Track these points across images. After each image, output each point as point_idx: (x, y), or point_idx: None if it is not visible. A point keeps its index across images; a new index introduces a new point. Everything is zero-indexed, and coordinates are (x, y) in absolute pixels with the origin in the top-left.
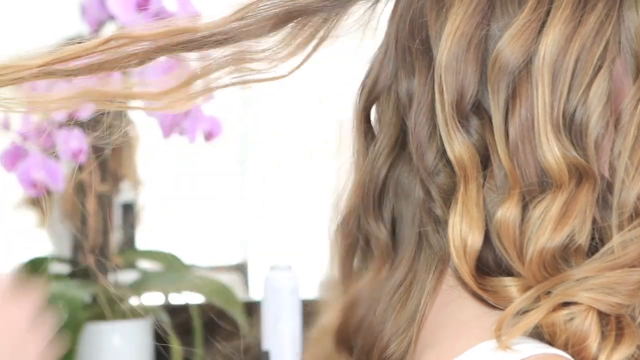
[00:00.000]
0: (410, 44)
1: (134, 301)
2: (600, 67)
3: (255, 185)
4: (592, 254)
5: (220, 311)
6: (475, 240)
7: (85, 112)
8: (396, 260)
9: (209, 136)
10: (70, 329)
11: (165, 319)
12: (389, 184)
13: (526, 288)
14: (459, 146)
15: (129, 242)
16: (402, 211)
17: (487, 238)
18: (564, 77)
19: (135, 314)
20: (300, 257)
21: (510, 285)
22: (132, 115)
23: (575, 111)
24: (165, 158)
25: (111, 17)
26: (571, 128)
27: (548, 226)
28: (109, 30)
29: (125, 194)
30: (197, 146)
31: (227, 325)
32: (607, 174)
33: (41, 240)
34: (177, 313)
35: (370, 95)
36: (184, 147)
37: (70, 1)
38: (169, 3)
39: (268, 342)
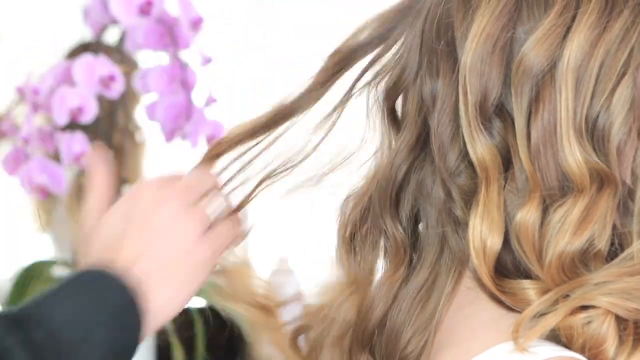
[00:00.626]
0: (436, 45)
1: None
2: (624, 74)
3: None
4: (611, 259)
5: (223, 315)
6: (494, 242)
7: (89, 115)
8: (417, 260)
9: (211, 140)
10: None
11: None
12: (410, 184)
13: (544, 291)
14: (481, 147)
15: None
16: (424, 212)
17: (506, 240)
18: (588, 83)
19: None
20: (302, 260)
21: (528, 287)
22: (138, 118)
23: (598, 117)
24: (168, 162)
25: (114, 21)
26: (593, 133)
27: (568, 230)
28: (111, 33)
29: None
30: (200, 150)
31: (230, 328)
32: (629, 180)
33: (44, 243)
34: (179, 316)
35: (395, 88)
36: (186, 150)
37: (73, 5)
38: (172, 7)
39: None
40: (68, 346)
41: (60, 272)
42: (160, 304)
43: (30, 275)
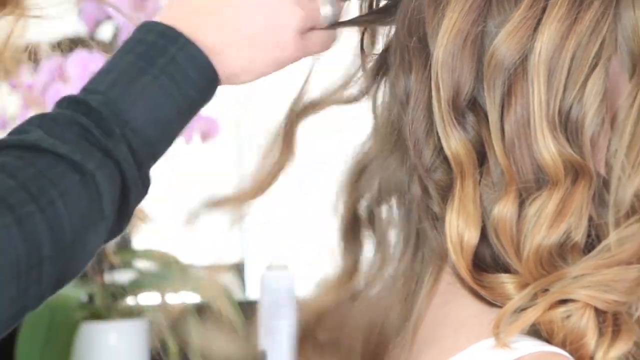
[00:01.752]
0: (408, 42)
1: (130, 301)
2: (596, 65)
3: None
4: (589, 251)
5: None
6: (471, 236)
7: None
8: (394, 257)
9: (205, 136)
10: (66, 329)
11: (162, 318)
12: (380, 181)
13: (523, 285)
14: (455, 142)
15: (125, 241)
16: (399, 209)
17: (484, 234)
18: (560, 75)
19: (131, 313)
20: (297, 256)
21: (507, 281)
22: None
23: (571, 108)
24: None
25: (108, 17)
26: (567, 125)
27: (544, 223)
28: (105, 29)
29: None
30: (194, 146)
31: (224, 325)
32: (603, 172)
33: None
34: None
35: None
36: (180, 146)
37: (67, 0)
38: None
39: (265, 342)
40: (147, 149)
41: None
42: (233, 74)
43: None
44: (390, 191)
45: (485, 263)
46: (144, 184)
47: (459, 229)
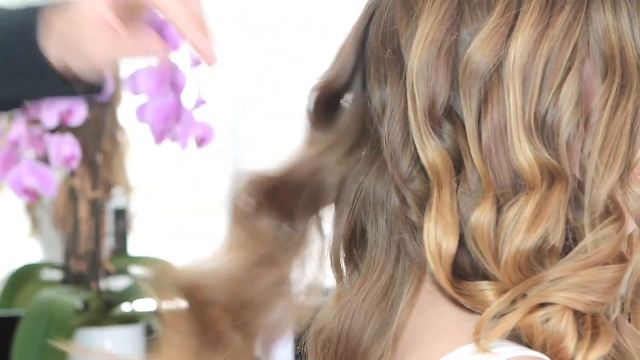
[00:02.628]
0: (382, 54)
1: (125, 307)
2: (570, 69)
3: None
4: (567, 254)
5: None
6: (450, 245)
7: (78, 118)
8: (369, 270)
9: (201, 142)
10: (62, 335)
11: (157, 325)
12: (348, 192)
13: (502, 292)
14: (432, 152)
15: (121, 248)
16: (373, 221)
17: (462, 243)
18: (535, 80)
19: (127, 320)
20: None
21: (486, 289)
22: (124, 121)
23: (547, 113)
24: (157, 164)
25: None
26: (543, 130)
27: (522, 228)
28: None
29: (117, 200)
30: (190, 152)
31: None
32: (578, 174)
33: (33, 246)
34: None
35: (331, 90)
36: (176, 153)
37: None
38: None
39: (258, 348)
40: None
41: (49, 275)
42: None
43: (20, 277)
44: (372, 203)
45: (465, 271)
46: None
47: (438, 238)
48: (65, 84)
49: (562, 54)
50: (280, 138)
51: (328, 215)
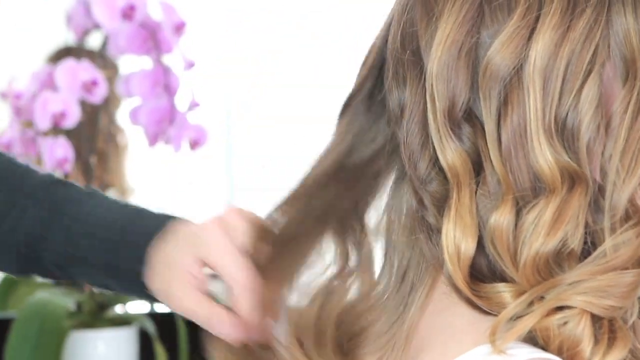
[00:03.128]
0: (402, 55)
1: (118, 309)
2: (590, 72)
3: (241, 191)
4: (585, 257)
5: None
6: (468, 246)
7: (71, 120)
8: (383, 271)
9: (194, 144)
10: (55, 337)
11: (150, 326)
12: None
13: (520, 293)
14: (451, 153)
15: None
16: (388, 222)
17: (480, 244)
18: (555, 83)
19: (120, 322)
20: None
21: (504, 291)
22: (120, 123)
23: (567, 116)
24: (151, 166)
25: (96, 26)
26: (563, 133)
27: (541, 231)
28: (94, 38)
29: None
30: (183, 154)
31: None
32: (598, 178)
33: None
34: (162, 321)
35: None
36: (170, 155)
37: (56, 9)
38: (155, 11)
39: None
40: None
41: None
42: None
43: (13, 279)
44: (388, 204)
45: (482, 273)
46: None
47: (456, 239)
48: (148, 296)
49: (582, 56)
50: (274, 140)
51: None
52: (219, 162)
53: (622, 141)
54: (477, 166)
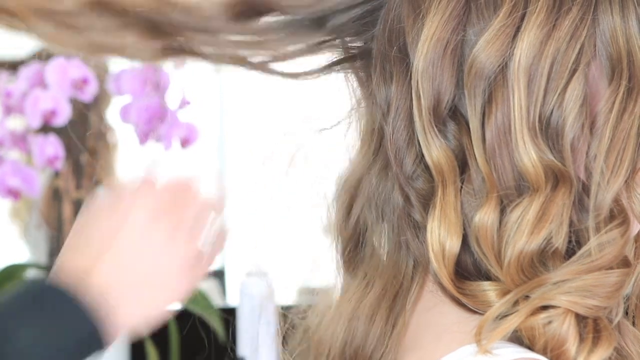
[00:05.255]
0: (388, 51)
1: None
2: (575, 71)
3: (232, 191)
4: (569, 256)
5: (197, 317)
6: (453, 244)
7: (62, 118)
8: (375, 268)
9: (185, 143)
10: None
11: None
12: (361, 191)
13: (504, 292)
14: (436, 151)
15: None
16: (376, 221)
17: (466, 242)
18: (540, 81)
19: None
20: (276, 263)
21: (488, 289)
22: (111, 121)
23: (551, 114)
24: (142, 164)
25: None
26: (547, 131)
27: (525, 230)
28: None
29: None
30: (174, 152)
31: (204, 332)
32: (583, 177)
33: (18, 247)
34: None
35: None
36: (160, 153)
37: None
38: None
39: (244, 348)
40: None
41: (33, 275)
42: (126, 320)
43: (5, 277)
44: (376, 202)
45: (468, 271)
46: None
47: (441, 237)
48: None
49: (567, 55)
50: (266, 138)
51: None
52: (210, 160)
53: (607, 141)
54: (463, 164)
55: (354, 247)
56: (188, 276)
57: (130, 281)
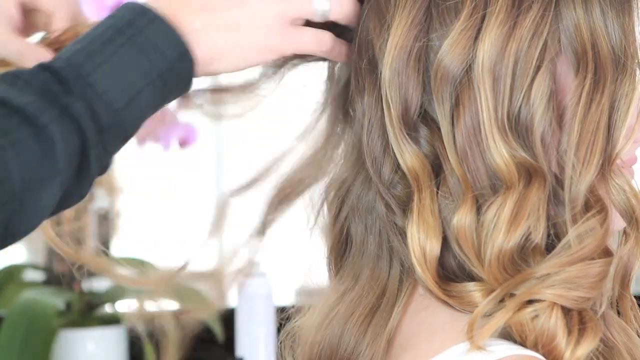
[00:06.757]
0: (359, 64)
1: (108, 308)
2: (539, 67)
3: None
4: (550, 251)
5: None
6: (433, 247)
7: None
8: (362, 275)
9: (183, 143)
10: (44, 336)
11: (139, 325)
12: (348, 199)
13: (489, 291)
14: (410, 157)
15: (103, 249)
16: (362, 228)
17: (447, 244)
18: (505, 80)
19: (109, 321)
20: (274, 263)
21: (473, 290)
22: None
23: (519, 112)
24: (140, 165)
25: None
26: (517, 129)
27: (502, 227)
28: None
29: (100, 201)
30: (172, 153)
31: (202, 332)
32: (556, 171)
33: (16, 247)
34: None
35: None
36: (159, 154)
37: None
38: None
39: (242, 349)
40: (109, 111)
41: (31, 275)
42: (212, 57)
43: (2, 278)
44: (360, 212)
45: (453, 273)
46: (106, 149)
47: (421, 241)
48: None
49: (530, 52)
50: (264, 139)
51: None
52: (209, 160)
53: (576, 134)
54: (437, 167)
55: (340, 252)
56: (280, 34)
57: (218, 24)
